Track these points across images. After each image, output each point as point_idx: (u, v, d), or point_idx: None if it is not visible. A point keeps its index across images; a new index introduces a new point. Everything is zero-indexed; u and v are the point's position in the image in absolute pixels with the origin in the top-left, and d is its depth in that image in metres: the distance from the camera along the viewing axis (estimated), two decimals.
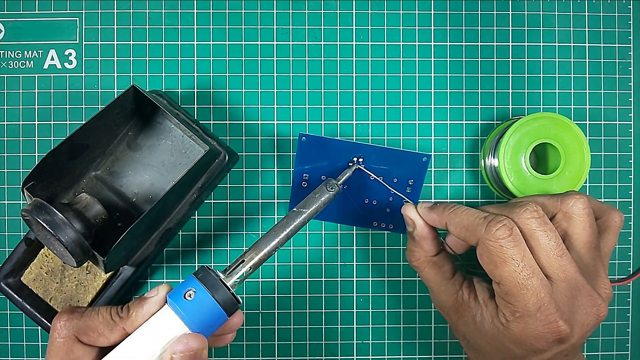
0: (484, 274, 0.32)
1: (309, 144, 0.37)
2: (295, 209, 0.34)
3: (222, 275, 0.30)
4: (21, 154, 0.41)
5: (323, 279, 0.41)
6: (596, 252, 0.32)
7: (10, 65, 0.41)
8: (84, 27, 0.41)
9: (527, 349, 0.31)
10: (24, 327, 0.41)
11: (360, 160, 0.37)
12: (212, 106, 0.41)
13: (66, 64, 0.41)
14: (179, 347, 0.28)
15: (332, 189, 0.35)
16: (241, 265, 0.31)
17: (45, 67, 0.41)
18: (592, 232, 0.32)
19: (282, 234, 0.32)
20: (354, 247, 0.41)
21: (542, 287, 0.30)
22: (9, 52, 0.41)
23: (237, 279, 0.30)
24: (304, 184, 0.39)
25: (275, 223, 0.33)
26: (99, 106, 0.41)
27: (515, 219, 0.31)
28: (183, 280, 0.30)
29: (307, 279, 0.41)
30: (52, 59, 0.41)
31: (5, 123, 0.41)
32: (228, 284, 0.30)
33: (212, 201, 0.41)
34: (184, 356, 0.28)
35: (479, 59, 0.41)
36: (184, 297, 0.29)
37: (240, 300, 0.30)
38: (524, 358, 0.31)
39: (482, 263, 0.31)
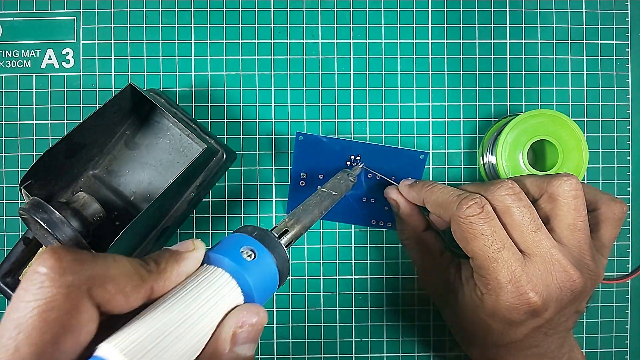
0: (463, 254, 0.33)
1: (307, 143, 0.37)
2: (325, 190, 0.32)
3: (277, 236, 0.25)
4: (19, 153, 0.41)
5: (322, 277, 0.41)
6: (581, 235, 0.32)
7: (8, 65, 0.41)
8: (81, 26, 0.41)
9: (502, 322, 0.31)
10: None
11: (358, 158, 0.37)
12: (209, 105, 0.41)
13: (64, 63, 0.41)
14: (248, 319, 0.21)
15: (353, 179, 0.35)
16: (285, 234, 0.27)
17: (43, 66, 0.41)
18: (577, 214, 0.31)
19: (316, 210, 0.30)
20: (352, 245, 0.41)
21: (513, 260, 0.30)
22: (7, 51, 0.41)
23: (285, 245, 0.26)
24: (302, 182, 0.39)
25: (308, 198, 0.31)
26: (97, 105, 0.41)
27: (489, 196, 0.31)
28: (224, 237, 0.24)
29: (306, 277, 0.41)
30: (50, 58, 0.41)
31: (3, 122, 0.41)
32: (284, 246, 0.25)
33: (210, 199, 0.41)
34: (252, 331, 0.21)
35: (477, 57, 0.41)
36: (241, 256, 0.23)
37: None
38: (502, 333, 0.32)
39: (455, 239, 0.32)
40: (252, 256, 0.23)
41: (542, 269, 0.30)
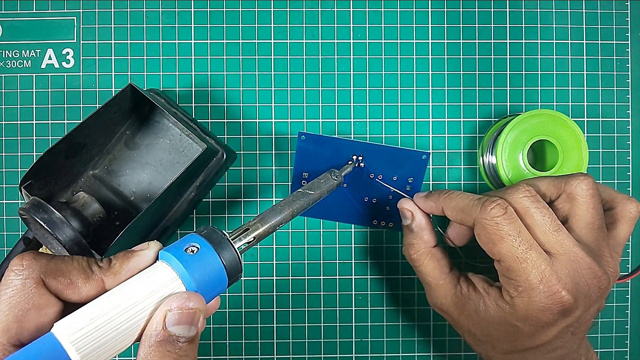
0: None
1: (309, 143, 0.37)
2: (301, 190, 0.33)
3: (229, 236, 0.27)
4: (19, 153, 0.41)
5: (322, 277, 0.41)
6: (600, 233, 0.32)
7: (8, 65, 0.41)
8: (81, 26, 0.41)
9: (534, 324, 0.31)
10: None
11: (360, 158, 0.37)
12: (209, 104, 0.41)
13: (64, 63, 0.41)
14: (176, 302, 0.24)
15: (336, 177, 0.35)
16: (245, 233, 0.28)
17: (43, 66, 0.41)
18: (595, 213, 0.32)
19: (287, 210, 0.31)
20: (352, 245, 0.41)
21: (541, 260, 0.30)
22: (7, 51, 0.41)
23: (242, 245, 0.28)
24: (304, 182, 0.39)
25: (281, 199, 0.32)
26: (97, 105, 0.41)
27: (508, 199, 0.32)
28: (181, 238, 0.26)
29: (306, 277, 0.41)
30: (50, 58, 0.41)
31: (3, 122, 0.41)
32: (235, 246, 0.26)
33: (210, 199, 0.41)
34: (182, 314, 0.24)
35: (477, 57, 0.41)
36: (185, 251, 0.25)
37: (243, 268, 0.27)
38: (532, 336, 0.32)
39: (480, 243, 0.32)
40: (195, 251, 0.25)
41: (569, 268, 0.30)
